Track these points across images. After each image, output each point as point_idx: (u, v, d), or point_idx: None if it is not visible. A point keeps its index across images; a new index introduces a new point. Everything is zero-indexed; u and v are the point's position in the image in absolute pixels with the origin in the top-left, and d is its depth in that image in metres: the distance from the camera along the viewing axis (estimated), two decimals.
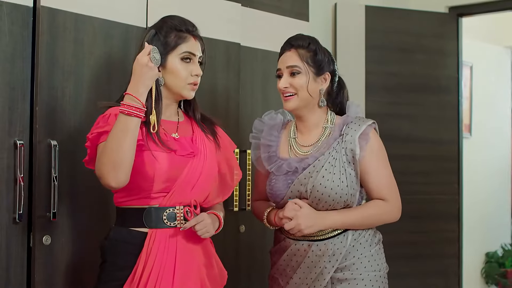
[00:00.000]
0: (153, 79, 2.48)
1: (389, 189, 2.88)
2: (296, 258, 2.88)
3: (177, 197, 2.58)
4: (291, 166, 2.88)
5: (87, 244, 2.91)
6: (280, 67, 2.92)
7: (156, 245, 2.53)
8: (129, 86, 2.46)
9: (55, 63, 2.82)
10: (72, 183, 2.87)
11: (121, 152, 2.41)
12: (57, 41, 2.83)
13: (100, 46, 2.99)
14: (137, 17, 3.14)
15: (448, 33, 5.46)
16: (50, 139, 2.78)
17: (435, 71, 5.40)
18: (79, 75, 2.91)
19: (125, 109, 2.42)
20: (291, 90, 2.87)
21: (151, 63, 2.45)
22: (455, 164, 5.47)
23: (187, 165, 2.60)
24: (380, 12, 5.24)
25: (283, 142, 3.01)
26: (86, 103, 2.92)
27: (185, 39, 2.64)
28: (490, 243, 7.52)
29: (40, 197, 2.76)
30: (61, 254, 2.83)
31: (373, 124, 2.90)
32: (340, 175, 2.81)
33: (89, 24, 2.95)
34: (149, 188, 2.54)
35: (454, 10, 5.51)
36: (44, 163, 2.77)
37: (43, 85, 2.78)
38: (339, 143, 2.86)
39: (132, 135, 2.42)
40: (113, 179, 2.43)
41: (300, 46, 2.89)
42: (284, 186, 2.87)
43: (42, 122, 2.77)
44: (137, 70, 2.45)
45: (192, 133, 2.72)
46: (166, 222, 2.57)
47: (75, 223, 2.89)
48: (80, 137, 2.85)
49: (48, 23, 2.80)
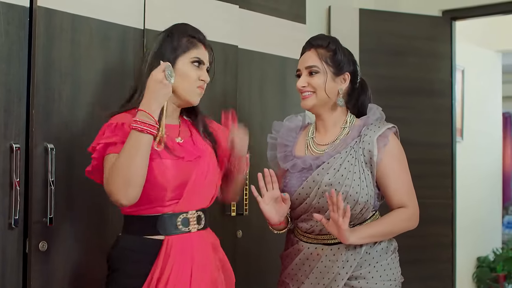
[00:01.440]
0: (166, 97, 2.44)
1: (410, 195, 2.82)
2: (309, 262, 2.82)
3: (188, 202, 2.57)
4: (306, 163, 2.84)
5: (84, 250, 2.85)
6: (299, 67, 2.89)
7: (174, 251, 2.51)
8: (142, 102, 2.42)
9: (52, 64, 2.76)
10: (69, 188, 2.81)
11: (133, 169, 2.37)
12: (54, 42, 2.77)
13: (97, 48, 2.93)
14: (135, 18, 3.09)
15: (442, 37, 5.44)
16: (46, 142, 2.71)
17: (428, 75, 5.38)
18: (76, 77, 2.85)
19: (138, 126, 2.37)
20: (309, 89, 2.85)
21: (165, 80, 2.40)
22: (448, 168, 5.44)
23: (195, 169, 2.58)
24: (374, 15, 5.21)
25: (300, 141, 2.97)
26: (83, 106, 2.86)
27: (196, 45, 2.62)
28: (481, 247, 7.52)
29: (36, 202, 2.69)
30: (58, 261, 2.76)
31: (393, 128, 2.85)
32: (360, 175, 2.76)
33: (86, 25, 2.89)
34: (161, 197, 2.51)
35: (447, 13, 5.48)
36: (40, 167, 2.70)
37: (40, 87, 2.72)
38: (357, 143, 2.82)
39: (144, 152, 2.39)
40: (124, 196, 2.39)
41: (320, 46, 2.86)
42: (298, 183, 2.83)
43: (39, 125, 2.71)
44: (151, 87, 2.41)
45: (191, 135, 2.69)
46: (181, 227, 2.55)
47: (72, 229, 2.82)
48: (77, 140, 2.81)
49: (45, 23, 2.74)
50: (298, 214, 2.85)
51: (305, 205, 2.80)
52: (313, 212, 2.78)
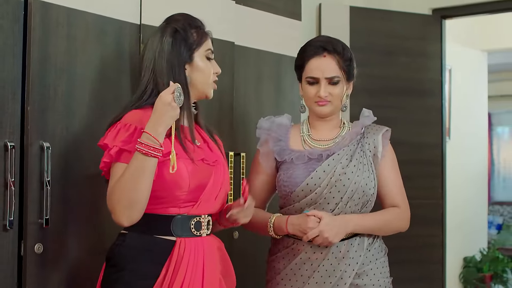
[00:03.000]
0: (173, 119, 2.37)
1: (402, 196, 2.90)
2: (311, 261, 2.77)
3: (204, 206, 2.52)
4: (313, 154, 2.81)
5: (81, 253, 2.75)
6: (316, 75, 2.82)
7: (187, 253, 2.45)
8: (148, 124, 2.34)
9: (48, 60, 2.66)
10: (66, 188, 2.71)
11: (136, 191, 2.31)
12: (49, 37, 2.67)
13: (93, 43, 2.84)
14: (131, 13, 3.00)
15: (432, 36, 5.40)
16: (42, 140, 2.61)
17: (418, 74, 5.33)
18: (72, 73, 2.75)
19: (143, 149, 2.30)
20: (327, 99, 2.82)
21: (174, 102, 2.33)
22: (438, 168, 5.41)
23: (213, 173, 2.53)
24: (365, 13, 5.16)
25: (294, 137, 2.94)
26: (79, 103, 2.77)
27: (206, 36, 2.59)
28: (467, 247, 7.50)
29: (32, 203, 2.59)
30: (54, 264, 2.66)
31: (389, 130, 2.91)
32: (368, 167, 2.80)
33: (82, 20, 2.79)
34: (180, 198, 2.45)
35: (437, 12, 5.44)
36: (36, 166, 2.60)
37: (35, 83, 2.61)
38: (362, 138, 2.85)
39: (148, 175, 2.32)
40: (126, 218, 2.34)
41: (337, 52, 2.82)
42: (305, 174, 2.79)
43: (34, 122, 2.61)
44: (158, 108, 2.33)
45: (203, 140, 2.63)
46: (194, 231, 2.50)
47: (69, 231, 2.73)
48: (73, 138, 2.72)
49: (40, 17, 2.63)
50: (302, 208, 2.80)
51: (314, 195, 2.76)
52: (322, 203, 2.74)
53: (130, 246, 2.47)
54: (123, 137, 2.39)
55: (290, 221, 2.76)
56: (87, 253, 2.75)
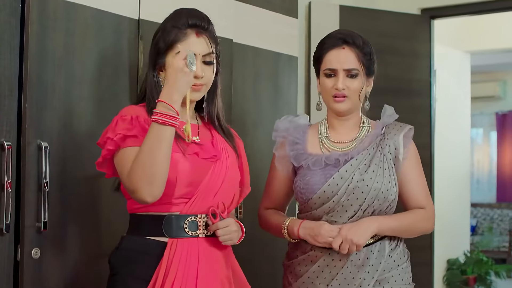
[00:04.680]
0: (188, 86, 2.27)
1: (427, 197, 2.78)
2: (329, 269, 2.65)
3: (199, 204, 2.36)
4: (330, 159, 2.68)
5: (80, 258, 2.64)
6: (335, 66, 2.70)
7: (178, 256, 2.31)
8: (162, 92, 2.24)
9: (46, 55, 2.54)
10: (65, 190, 2.58)
11: (157, 164, 2.20)
12: (47, 31, 2.54)
13: (92, 38, 2.72)
14: (129, 7, 2.87)
15: (420, 36, 5.33)
16: (40, 140, 2.49)
17: (407, 74, 5.27)
18: (70, 70, 2.63)
19: (159, 118, 2.20)
20: (344, 93, 2.69)
21: (186, 68, 2.23)
22: (427, 169, 5.23)
23: (210, 169, 2.39)
24: (354, 12, 5.07)
25: (311, 139, 2.80)
26: (77, 100, 2.65)
27: (184, 35, 2.39)
28: (451, 250, 7.48)
29: (29, 205, 2.47)
30: (52, 269, 2.54)
31: (412, 129, 2.79)
32: (389, 172, 2.68)
33: (81, 14, 2.67)
34: (170, 193, 2.31)
35: (426, 12, 5.38)
36: (33, 167, 2.48)
37: (33, 79, 2.49)
38: (382, 140, 2.71)
39: (167, 145, 2.21)
40: (148, 194, 2.22)
41: (356, 45, 2.71)
42: (321, 180, 2.66)
43: (32, 121, 2.48)
44: (171, 76, 2.24)
45: (212, 137, 2.50)
46: (188, 231, 2.35)
47: (67, 235, 2.60)
48: (72, 138, 2.61)
49: (38, 10, 2.51)
50: (319, 215, 2.68)
51: (331, 203, 2.64)
52: (340, 210, 2.64)
53: (127, 249, 2.38)
54: (124, 126, 2.30)
55: (303, 224, 2.65)
56: (86, 258, 2.63)
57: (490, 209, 11.34)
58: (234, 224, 2.42)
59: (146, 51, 2.87)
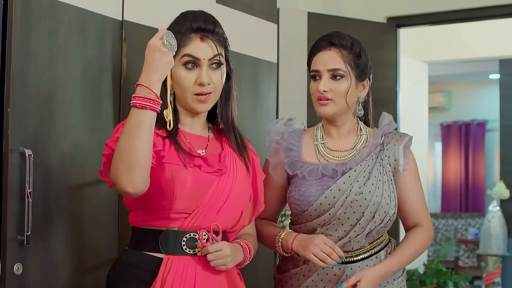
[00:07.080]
0: (168, 67, 2.13)
1: (425, 212, 2.66)
2: (323, 284, 2.54)
3: (200, 220, 2.22)
4: (327, 170, 2.55)
5: (65, 274, 2.47)
6: (319, 68, 2.57)
7: (172, 274, 2.17)
8: (141, 76, 2.10)
9: (29, 56, 2.37)
10: (49, 201, 2.41)
11: (135, 150, 2.05)
12: (31, 31, 2.38)
13: (76, 39, 2.56)
14: (113, 8, 2.72)
15: (387, 44, 5.30)
16: (23, 147, 2.31)
17: (374, 82, 5.19)
18: (54, 72, 2.46)
19: (137, 102, 2.07)
20: (328, 95, 2.54)
21: (164, 47, 2.10)
22: None
23: (214, 184, 2.24)
24: (322, 19, 5.01)
25: (307, 146, 2.66)
26: (61, 105, 2.48)
27: (187, 40, 2.26)
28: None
29: (11, 217, 2.29)
30: (34, 286, 2.36)
31: (411, 138, 2.66)
32: (389, 185, 2.56)
33: (65, 13, 2.51)
34: (168, 207, 2.17)
35: (392, 20, 5.34)
36: (16, 176, 2.30)
37: (16, 83, 2.31)
38: (381, 150, 2.59)
39: (146, 130, 2.07)
40: (128, 183, 2.06)
41: (343, 46, 2.57)
42: (318, 192, 2.53)
43: (15, 127, 2.31)
44: (148, 57, 2.11)
45: (221, 150, 2.35)
46: (185, 248, 2.21)
47: (52, 249, 2.43)
48: (54, 145, 2.44)
49: (22, 9, 2.34)
50: (314, 228, 2.55)
51: (327, 216, 2.52)
52: (336, 224, 2.51)
53: (124, 263, 2.27)
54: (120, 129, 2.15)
55: (298, 237, 2.51)
56: (71, 274, 2.47)
57: (435, 219, 11.36)
58: (227, 247, 2.24)
59: (129, 53, 2.75)
